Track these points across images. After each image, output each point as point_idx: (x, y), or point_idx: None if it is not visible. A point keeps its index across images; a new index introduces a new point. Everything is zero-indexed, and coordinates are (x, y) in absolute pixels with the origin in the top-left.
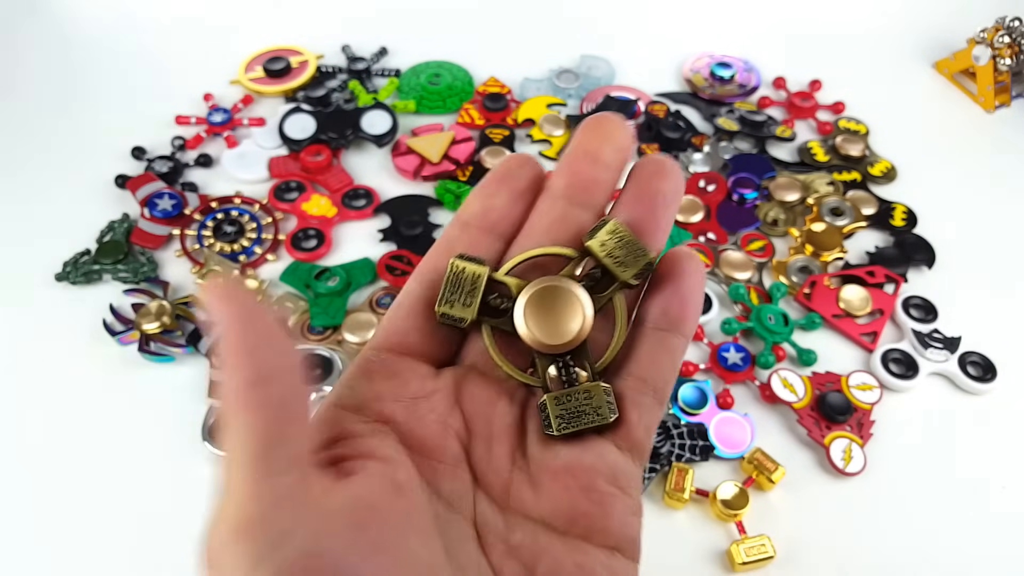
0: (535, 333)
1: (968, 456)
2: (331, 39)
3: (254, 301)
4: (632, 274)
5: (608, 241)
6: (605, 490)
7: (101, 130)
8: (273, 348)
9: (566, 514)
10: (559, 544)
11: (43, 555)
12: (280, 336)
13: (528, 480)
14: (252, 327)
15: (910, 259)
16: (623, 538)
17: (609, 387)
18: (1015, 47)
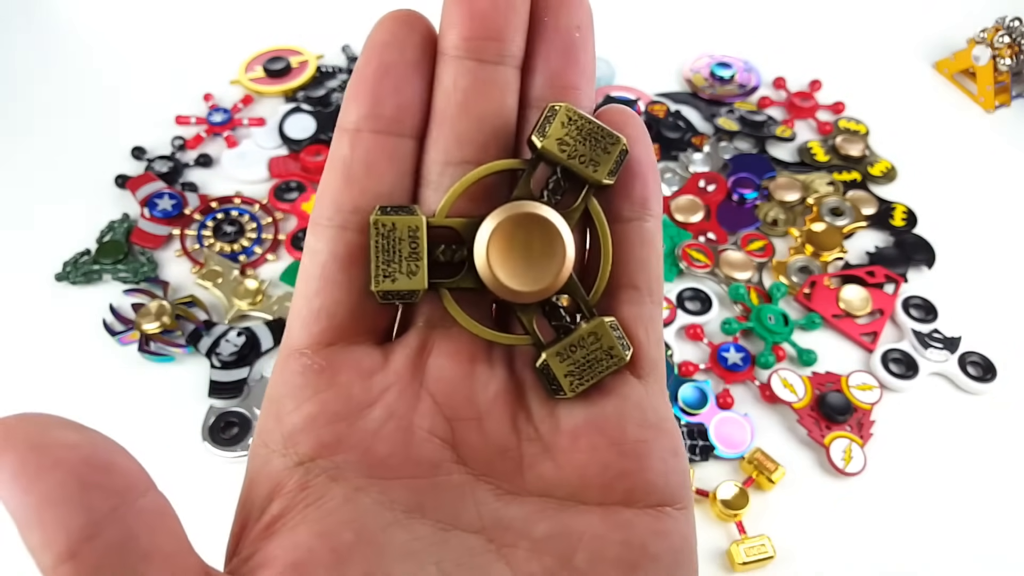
0: (509, 282)
1: (968, 456)
2: (331, 39)
3: (47, 433)
4: (607, 171)
5: (567, 136)
6: (638, 437)
7: (101, 130)
8: (91, 479)
9: (599, 479)
10: (597, 520)
11: None
12: (95, 456)
13: (543, 449)
14: (53, 469)
15: (910, 259)
16: (668, 489)
17: (613, 319)
18: (1015, 47)
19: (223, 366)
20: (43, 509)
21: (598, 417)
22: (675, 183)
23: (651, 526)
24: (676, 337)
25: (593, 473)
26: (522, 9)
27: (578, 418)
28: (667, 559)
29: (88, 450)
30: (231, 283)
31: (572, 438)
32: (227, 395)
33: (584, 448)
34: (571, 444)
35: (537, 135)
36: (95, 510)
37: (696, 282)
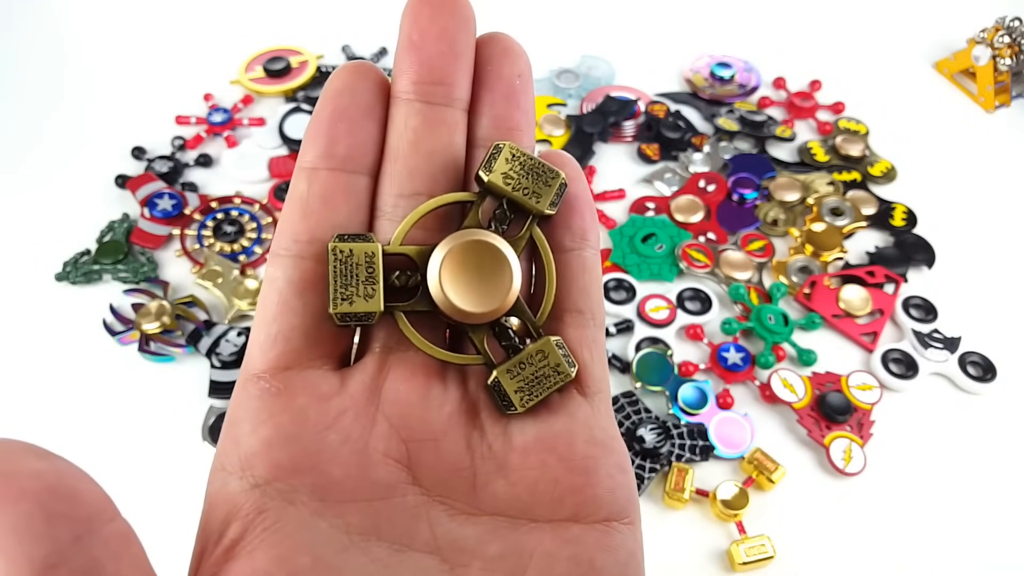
0: (461, 304)
1: (968, 456)
2: (331, 39)
3: (12, 458)
4: (548, 202)
5: (511, 171)
6: (586, 453)
7: (101, 130)
8: (56, 509)
9: (549, 495)
10: (547, 537)
11: None
12: (61, 485)
13: (496, 467)
14: (16, 502)
15: (910, 259)
16: (616, 504)
17: (559, 338)
18: (1015, 47)
19: (223, 366)
20: (8, 539)
21: (548, 434)
22: (675, 183)
23: (599, 541)
24: (676, 337)
25: (544, 489)
26: (467, 58)
27: (529, 435)
28: (614, 572)
29: (53, 478)
30: (231, 283)
31: (523, 454)
32: (227, 395)
33: (535, 464)
34: (522, 461)
35: (484, 170)
36: (59, 539)
37: (696, 282)
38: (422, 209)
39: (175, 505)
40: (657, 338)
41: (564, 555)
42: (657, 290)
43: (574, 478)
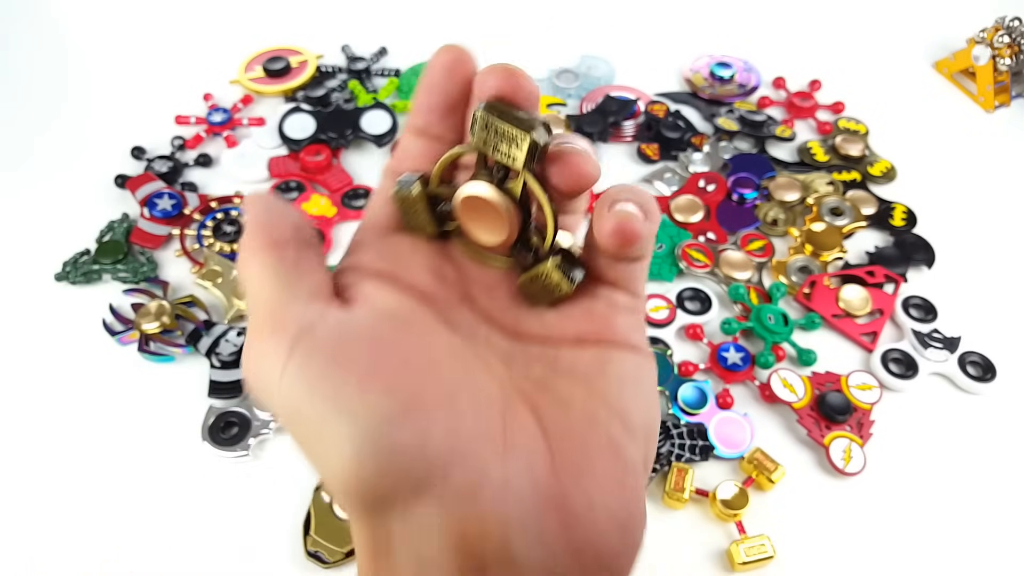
0: (480, 238)
1: (968, 456)
2: (331, 39)
3: (276, 202)
4: (522, 161)
5: (487, 137)
6: (608, 311)
7: (101, 130)
8: (289, 228)
9: (574, 334)
10: (569, 351)
11: (42, 553)
12: (298, 226)
13: (536, 317)
14: (271, 213)
15: (910, 259)
16: (628, 343)
17: (558, 258)
18: (1015, 47)
19: (223, 366)
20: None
21: (581, 306)
22: (675, 183)
23: (614, 354)
24: (676, 337)
25: (571, 331)
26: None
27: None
28: (629, 367)
29: (299, 224)
30: (231, 283)
31: (557, 312)
32: (227, 395)
33: (565, 318)
34: (555, 316)
35: (470, 134)
36: (297, 236)
37: (696, 282)
38: (442, 161)
39: (175, 504)
40: (657, 338)
41: (586, 356)
42: (657, 290)
43: (597, 326)
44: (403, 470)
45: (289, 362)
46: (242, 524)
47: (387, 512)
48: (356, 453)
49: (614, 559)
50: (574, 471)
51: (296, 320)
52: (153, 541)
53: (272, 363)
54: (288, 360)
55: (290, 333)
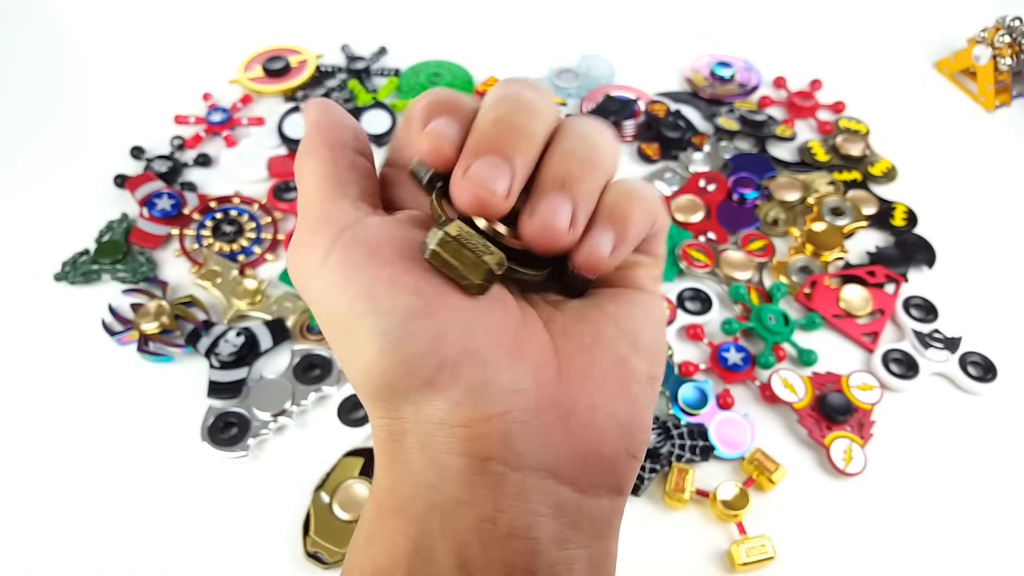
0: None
1: (968, 456)
2: (331, 39)
3: (336, 107)
4: (477, 286)
5: (446, 253)
6: (628, 266)
7: (100, 129)
8: (348, 132)
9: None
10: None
11: (42, 553)
12: (356, 132)
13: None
14: (331, 116)
15: (910, 259)
16: (643, 287)
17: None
18: (1015, 47)
19: (222, 366)
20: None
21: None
22: (675, 183)
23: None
24: (676, 337)
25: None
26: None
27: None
28: (641, 299)
29: (353, 129)
30: (230, 283)
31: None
32: (226, 395)
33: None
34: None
35: (430, 236)
36: (355, 144)
37: (696, 282)
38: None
39: (175, 504)
40: None
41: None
42: None
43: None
44: (417, 364)
45: (332, 252)
46: (242, 524)
47: (402, 404)
48: (378, 347)
49: (615, 460)
50: (580, 376)
51: (344, 216)
52: (153, 541)
53: (315, 253)
54: (331, 250)
55: (337, 226)
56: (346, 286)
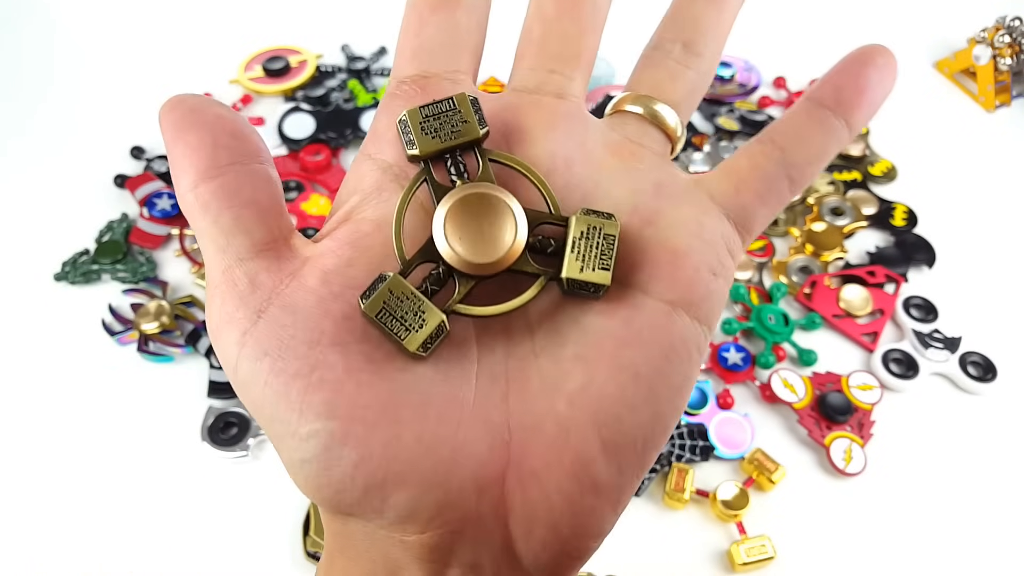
0: (482, 259)
1: (968, 456)
2: (330, 38)
3: (198, 108)
4: (476, 124)
5: (428, 129)
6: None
7: (100, 129)
8: (221, 139)
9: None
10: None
11: (42, 553)
12: (231, 128)
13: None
14: (197, 130)
15: (910, 259)
16: (689, 298)
17: (584, 207)
18: (1015, 47)
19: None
20: (185, 152)
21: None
22: None
23: (657, 319)
24: None
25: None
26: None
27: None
28: (659, 346)
29: (229, 123)
30: None
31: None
32: (226, 395)
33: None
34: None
35: (409, 147)
36: (218, 160)
37: None
38: (398, 216)
39: (175, 505)
40: None
41: (619, 317)
42: None
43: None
44: (342, 492)
45: (245, 342)
46: (242, 524)
47: (335, 515)
48: (302, 474)
49: (559, 568)
50: (522, 481)
51: (243, 294)
52: (153, 541)
53: (230, 334)
54: (241, 349)
55: (240, 316)
56: (261, 397)
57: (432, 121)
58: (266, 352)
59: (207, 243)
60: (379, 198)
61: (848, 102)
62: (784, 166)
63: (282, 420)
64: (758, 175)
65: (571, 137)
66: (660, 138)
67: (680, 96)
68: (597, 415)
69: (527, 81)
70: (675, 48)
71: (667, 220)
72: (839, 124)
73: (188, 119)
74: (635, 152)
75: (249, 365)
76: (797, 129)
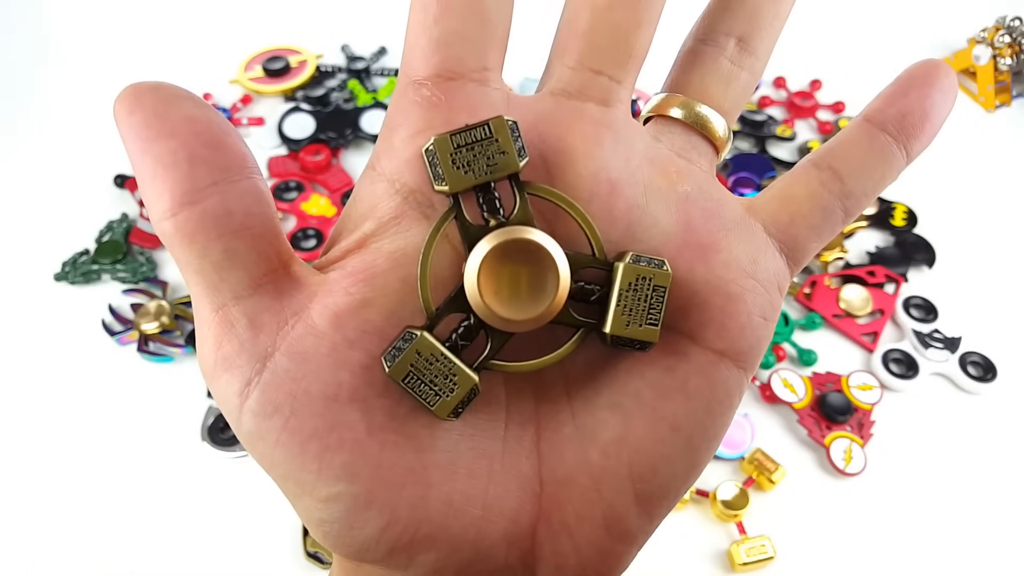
0: (518, 316)
1: (968, 456)
2: (331, 39)
3: (168, 109)
4: (516, 154)
5: (459, 161)
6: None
7: (100, 129)
8: (199, 153)
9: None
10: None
11: (42, 553)
12: (206, 135)
13: None
14: (167, 137)
15: (910, 259)
16: (734, 348)
17: (632, 253)
18: (1015, 47)
19: None
20: (155, 170)
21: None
22: None
23: (702, 368)
24: None
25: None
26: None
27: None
28: (700, 401)
29: (203, 127)
30: None
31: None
32: None
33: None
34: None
35: (438, 183)
36: (198, 180)
37: None
38: (423, 263)
39: (175, 505)
40: None
41: (662, 365)
42: None
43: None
44: (366, 550)
45: (247, 405)
46: (242, 524)
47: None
48: (321, 531)
49: None
50: (553, 534)
51: (243, 338)
52: (153, 541)
53: (228, 392)
54: (245, 401)
55: (241, 362)
56: (272, 455)
57: (465, 152)
58: (277, 408)
59: (195, 279)
60: (398, 228)
61: (913, 129)
62: (842, 197)
63: (298, 481)
64: (816, 206)
65: (616, 155)
66: (708, 150)
67: (731, 102)
68: (632, 468)
69: (569, 83)
70: (729, 44)
71: (720, 257)
72: (900, 153)
73: (154, 125)
74: (682, 171)
75: (257, 421)
76: (859, 156)
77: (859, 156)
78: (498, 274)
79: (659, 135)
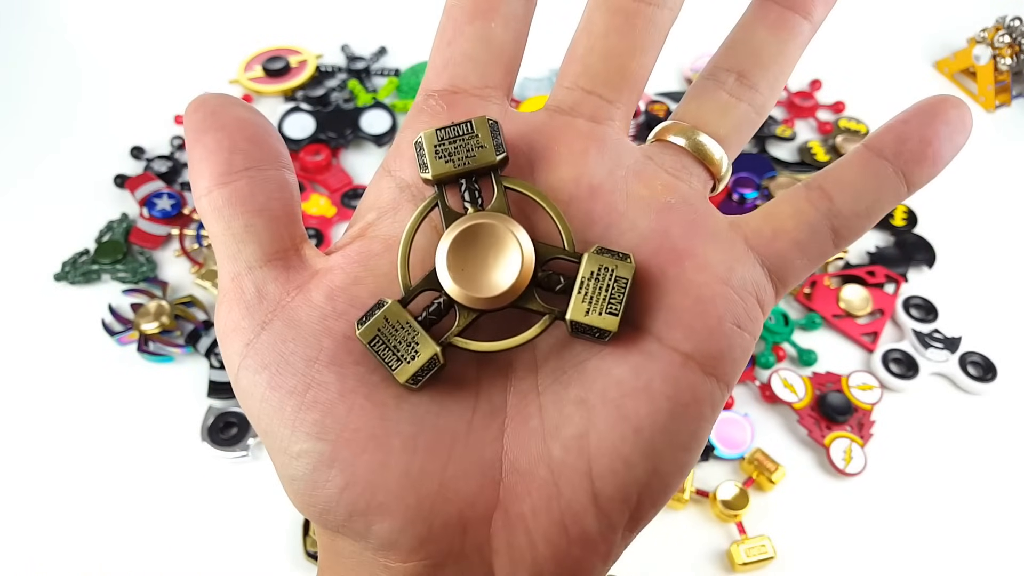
0: (486, 294)
1: (968, 456)
2: (331, 39)
3: (223, 107)
4: (493, 150)
5: (443, 152)
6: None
7: (100, 130)
8: (240, 143)
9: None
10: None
11: (41, 553)
12: (254, 132)
13: None
14: (219, 132)
15: (910, 259)
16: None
17: (597, 245)
18: (1015, 46)
19: (222, 366)
20: (203, 155)
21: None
22: None
23: (670, 371)
24: None
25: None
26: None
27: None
28: (664, 399)
29: (248, 125)
30: None
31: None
32: (226, 395)
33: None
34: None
35: (423, 171)
36: (233, 165)
37: None
38: (405, 241)
39: (175, 505)
40: None
41: (628, 363)
42: None
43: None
44: (328, 512)
45: (248, 353)
46: (242, 524)
47: (323, 530)
48: (291, 489)
49: None
50: (509, 524)
51: (249, 304)
52: (153, 541)
53: (235, 342)
54: (243, 360)
55: (245, 325)
56: (258, 409)
57: (447, 144)
58: (265, 365)
59: (219, 248)
60: (394, 217)
61: (910, 155)
62: (830, 216)
63: (276, 435)
64: (800, 223)
65: (600, 163)
66: (701, 173)
67: (728, 130)
68: (592, 466)
69: (562, 101)
70: (729, 79)
71: (694, 262)
72: (897, 178)
73: (208, 121)
74: (669, 185)
75: (249, 376)
76: (850, 178)
77: (851, 177)
78: (465, 256)
79: (652, 155)
